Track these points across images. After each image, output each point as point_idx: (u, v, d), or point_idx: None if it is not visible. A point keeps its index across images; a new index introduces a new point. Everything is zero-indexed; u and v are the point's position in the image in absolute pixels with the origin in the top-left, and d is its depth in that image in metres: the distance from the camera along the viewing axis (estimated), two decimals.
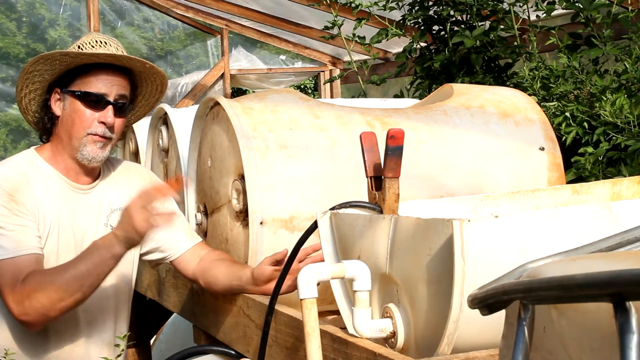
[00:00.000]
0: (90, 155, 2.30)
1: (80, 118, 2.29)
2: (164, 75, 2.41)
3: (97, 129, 2.29)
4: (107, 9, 7.89)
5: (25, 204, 2.25)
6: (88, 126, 2.29)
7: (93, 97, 2.29)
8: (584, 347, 0.85)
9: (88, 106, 2.29)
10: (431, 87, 4.12)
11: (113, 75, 2.32)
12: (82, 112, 2.29)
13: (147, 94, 2.48)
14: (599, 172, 3.05)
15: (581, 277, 0.76)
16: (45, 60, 2.29)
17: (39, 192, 2.30)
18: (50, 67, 2.31)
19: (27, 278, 2.16)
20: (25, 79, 2.34)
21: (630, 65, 3.19)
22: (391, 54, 7.31)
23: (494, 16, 4.11)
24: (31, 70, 2.31)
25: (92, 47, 2.32)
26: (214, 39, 8.36)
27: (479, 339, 1.54)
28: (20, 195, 2.25)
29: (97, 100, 2.29)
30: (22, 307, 2.15)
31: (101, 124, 2.29)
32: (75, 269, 2.15)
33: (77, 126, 2.29)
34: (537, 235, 1.53)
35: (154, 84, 2.44)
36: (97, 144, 2.30)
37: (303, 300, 1.66)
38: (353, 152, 2.23)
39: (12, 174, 2.29)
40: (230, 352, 2.33)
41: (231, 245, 2.39)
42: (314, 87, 11.59)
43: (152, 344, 3.80)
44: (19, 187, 2.26)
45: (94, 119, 2.29)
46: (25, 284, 2.15)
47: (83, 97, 2.29)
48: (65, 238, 2.32)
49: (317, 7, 5.69)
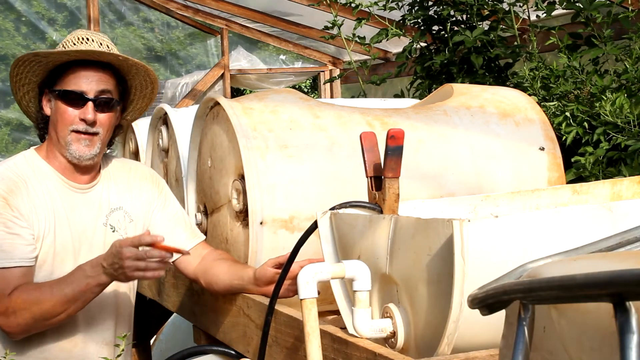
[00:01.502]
0: (77, 153, 2.31)
1: (62, 116, 2.30)
2: (144, 66, 2.37)
3: (79, 125, 2.29)
4: (107, 9, 7.89)
5: (20, 208, 2.25)
6: (70, 123, 2.29)
7: (72, 95, 2.29)
8: (584, 347, 0.85)
9: (68, 104, 2.29)
10: (431, 87, 4.12)
11: (92, 71, 2.31)
12: (63, 110, 2.30)
13: (138, 87, 2.45)
14: (599, 172, 3.05)
15: (581, 277, 0.76)
16: (23, 63, 2.31)
17: (36, 192, 2.30)
18: (30, 68, 2.32)
19: (13, 293, 2.20)
20: (15, 83, 2.37)
21: (630, 65, 3.19)
22: (391, 54, 7.31)
23: (494, 16, 4.10)
24: (15, 74, 2.34)
25: (73, 44, 2.32)
26: (214, 39, 8.36)
27: (479, 339, 1.54)
28: (15, 197, 2.26)
29: (75, 97, 2.29)
30: (6, 319, 2.21)
31: (82, 121, 2.29)
32: (61, 292, 2.19)
33: (60, 124, 2.30)
34: (537, 235, 1.53)
35: (139, 76, 2.41)
36: (81, 142, 2.30)
37: (303, 300, 1.66)
38: (353, 152, 2.23)
39: (9, 174, 2.29)
40: (230, 352, 2.33)
41: (231, 245, 2.39)
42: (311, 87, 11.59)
43: (152, 344, 3.80)
44: (14, 188, 2.27)
45: (74, 116, 2.29)
46: (11, 300, 2.19)
47: (63, 96, 2.30)
48: (63, 238, 2.32)
49: (317, 7, 5.69)
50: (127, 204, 2.44)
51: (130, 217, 2.44)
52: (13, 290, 2.20)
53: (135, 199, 2.46)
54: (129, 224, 2.42)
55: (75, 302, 2.19)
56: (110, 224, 2.40)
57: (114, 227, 2.40)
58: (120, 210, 2.42)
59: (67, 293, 2.18)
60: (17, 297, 2.19)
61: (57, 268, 2.29)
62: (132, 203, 2.45)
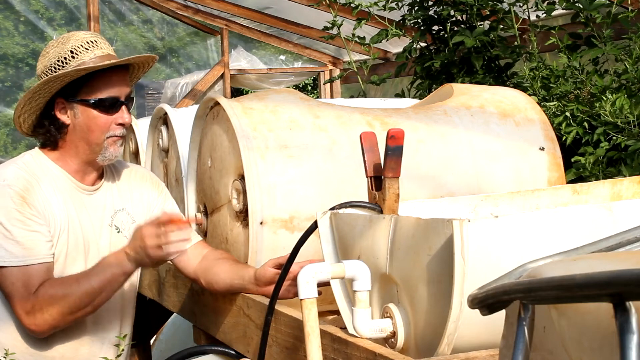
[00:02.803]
0: (113, 155, 2.35)
1: (97, 124, 2.31)
2: (154, 59, 2.42)
3: (116, 131, 2.33)
4: (107, 9, 7.89)
5: (36, 206, 2.27)
6: (107, 130, 2.32)
7: (107, 103, 2.31)
8: (584, 347, 0.85)
9: (103, 112, 2.31)
10: (431, 87, 4.12)
11: (118, 76, 2.33)
12: (98, 118, 2.31)
13: (137, 74, 2.48)
14: (599, 172, 3.05)
15: (581, 277, 0.76)
16: (49, 82, 2.27)
17: (48, 191, 2.31)
18: (53, 85, 2.29)
19: (39, 290, 2.21)
20: (29, 99, 2.31)
21: (630, 65, 3.19)
22: (391, 54, 7.31)
23: (494, 16, 4.11)
24: (37, 90, 2.29)
25: (85, 49, 2.30)
26: (214, 39, 8.36)
27: (479, 339, 1.54)
28: (31, 195, 2.27)
29: (111, 104, 2.31)
30: (32, 318, 2.22)
31: (119, 126, 2.33)
32: (89, 284, 2.21)
33: (95, 132, 2.31)
34: (537, 235, 1.53)
35: (146, 66, 2.45)
36: (117, 143, 2.34)
37: (303, 300, 1.66)
38: (353, 152, 2.23)
39: (23, 173, 2.30)
40: (230, 352, 2.33)
41: (231, 245, 2.39)
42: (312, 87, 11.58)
43: (152, 344, 3.80)
44: (30, 187, 2.28)
45: (111, 122, 2.32)
46: (38, 297, 2.21)
47: (98, 105, 2.30)
48: (75, 238, 2.34)
49: (317, 7, 5.69)
50: (129, 205, 2.46)
51: (133, 218, 2.46)
52: (39, 287, 2.22)
53: (137, 200, 2.48)
54: (131, 225, 2.44)
55: (100, 294, 2.22)
56: (115, 225, 2.42)
57: (118, 228, 2.43)
58: (124, 212, 2.45)
59: (94, 284, 2.21)
60: (44, 292, 2.21)
61: (69, 267, 2.31)
62: (134, 204, 2.47)
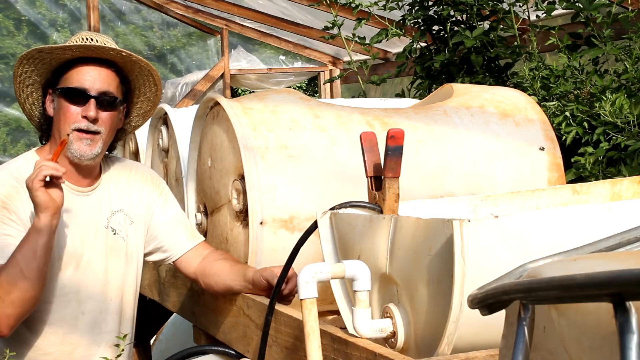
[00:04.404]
0: (79, 152, 2.28)
1: (64, 114, 2.27)
2: (148, 64, 2.36)
3: (81, 123, 2.26)
4: (107, 8, 7.89)
5: (18, 212, 2.24)
6: (72, 121, 2.26)
7: (74, 92, 2.27)
8: (584, 347, 0.85)
9: (71, 102, 2.27)
10: (431, 87, 4.12)
11: (94, 69, 2.29)
12: (66, 107, 2.27)
13: (142, 88, 2.43)
14: (599, 172, 3.05)
15: (581, 277, 0.76)
16: (27, 61, 2.29)
17: None
18: (34, 67, 2.30)
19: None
20: (19, 83, 2.34)
21: (630, 65, 3.19)
22: (391, 54, 7.31)
23: (494, 16, 4.11)
24: (20, 73, 2.32)
25: (77, 39, 2.31)
26: (214, 39, 8.36)
27: (479, 339, 1.54)
28: (14, 203, 2.24)
29: (78, 94, 2.27)
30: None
31: (84, 119, 2.27)
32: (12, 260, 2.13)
33: (62, 123, 2.28)
34: (537, 235, 1.53)
35: (142, 76, 2.40)
36: (83, 140, 2.27)
37: (303, 300, 1.66)
38: (353, 152, 2.23)
39: (10, 180, 2.28)
40: (230, 352, 2.33)
41: (231, 245, 2.39)
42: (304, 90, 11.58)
43: (152, 344, 3.80)
44: (15, 193, 2.25)
45: (77, 114, 2.27)
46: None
47: (65, 93, 2.28)
48: (63, 242, 2.30)
49: (317, 7, 5.69)
50: (127, 206, 2.43)
51: (131, 219, 2.43)
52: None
53: (136, 200, 2.45)
54: (129, 225, 2.41)
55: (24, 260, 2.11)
56: (111, 227, 2.38)
57: (115, 230, 2.38)
58: (121, 213, 2.41)
59: (16, 256, 2.12)
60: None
61: (58, 273, 2.28)
62: (132, 204, 2.44)
